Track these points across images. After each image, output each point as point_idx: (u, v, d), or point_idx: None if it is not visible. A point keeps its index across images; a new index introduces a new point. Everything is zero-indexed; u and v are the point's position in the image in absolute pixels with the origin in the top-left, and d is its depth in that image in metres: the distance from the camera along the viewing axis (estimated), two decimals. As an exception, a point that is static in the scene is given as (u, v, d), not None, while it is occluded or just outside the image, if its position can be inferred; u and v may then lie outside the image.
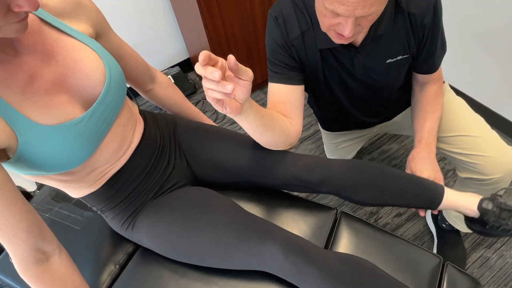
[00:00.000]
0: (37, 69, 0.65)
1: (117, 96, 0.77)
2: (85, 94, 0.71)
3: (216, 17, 1.64)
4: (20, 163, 0.64)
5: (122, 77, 0.80)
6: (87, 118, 0.70)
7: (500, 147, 0.99)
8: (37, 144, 0.63)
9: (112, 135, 0.79)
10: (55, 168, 0.69)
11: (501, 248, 1.38)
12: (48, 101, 0.65)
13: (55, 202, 1.08)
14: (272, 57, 0.90)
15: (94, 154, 0.75)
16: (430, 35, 0.88)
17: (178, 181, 0.96)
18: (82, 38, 0.73)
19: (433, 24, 0.87)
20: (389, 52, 0.90)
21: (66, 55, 0.69)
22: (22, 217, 0.62)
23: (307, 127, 1.91)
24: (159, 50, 2.10)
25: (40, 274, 0.67)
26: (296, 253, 0.77)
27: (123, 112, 0.82)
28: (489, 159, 0.97)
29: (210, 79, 0.56)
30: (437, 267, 0.88)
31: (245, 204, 1.00)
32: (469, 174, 1.03)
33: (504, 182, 1.01)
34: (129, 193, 0.87)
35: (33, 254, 0.65)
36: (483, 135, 1.00)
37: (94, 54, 0.74)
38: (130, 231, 0.90)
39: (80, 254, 0.96)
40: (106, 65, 0.74)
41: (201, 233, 0.83)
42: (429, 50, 0.92)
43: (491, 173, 0.98)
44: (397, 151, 1.74)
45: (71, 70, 0.69)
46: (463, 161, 1.02)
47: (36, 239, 0.65)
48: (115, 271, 0.94)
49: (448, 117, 1.05)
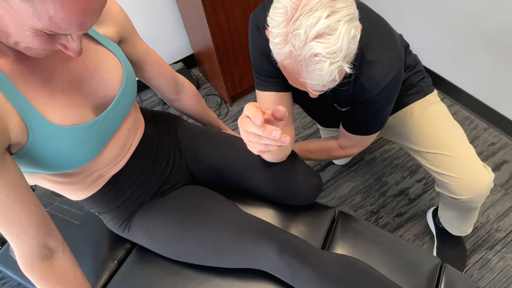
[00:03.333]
0: (57, 68, 0.65)
1: (128, 102, 0.78)
2: (98, 98, 0.71)
3: (219, 13, 1.63)
4: (22, 159, 0.64)
5: (135, 85, 0.80)
6: (98, 123, 0.70)
7: (472, 170, 0.98)
8: (45, 143, 0.63)
9: (116, 139, 0.79)
10: (55, 168, 0.68)
11: (502, 250, 1.37)
12: (63, 100, 0.65)
13: (55, 197, 1.09)
14: (257, 65, 0.86)
15: (96, 157, 0.75)
16: (366, 106, 0.85)
17: (177, 182, 0.96)
18: (106, 42, 0.73)
19: (373, 102, 0.83)
20: (336, 98, 0.91)
21: (87, 57, 0.69)
22: (33, 213, 0.62)
23: (310, 125, 1.90)
24: (163, 46, 2.10)
25: (45, 271, 0.66)
26: (291, 253, 0.77)
27: (129, 117, 0.82)
28: (459, 181, 0.98)
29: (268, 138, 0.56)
30: (435, 268, 0.88)
31: (242, 204, 1.00)
32: (442, 191, 1.07)
33: (474, 202, 1.02)
34: (127, 196, 0.87)
35: (39, 250, 0.64)
36: (457, 155, 0.99)
37: (115, 60, 0.74)
38: (127, 233, 0.91)
39: (79, 249, 0.97)
40: (124, 72, 0.75)
41: (197, 234, 0.83)
42: (358, 116, 0.91)
43: (460, 194, 1.00)
44: (399, 150, 1.73)
45: (89, 73, 0.69)
46: (437, 178, 1.05)
47: (44, 235, 0.64)
48: (113, 267, 0.95)
49: (427, 133, 1.03)
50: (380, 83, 0.78)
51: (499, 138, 1.70)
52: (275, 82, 0.86)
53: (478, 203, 1.04)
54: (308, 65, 0.59)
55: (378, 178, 1.65)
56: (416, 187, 1.59)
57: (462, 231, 1.27)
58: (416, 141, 1.05)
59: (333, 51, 0.57)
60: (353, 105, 0.89)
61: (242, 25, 1.74)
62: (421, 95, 1.05)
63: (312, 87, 0.64)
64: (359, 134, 0.97)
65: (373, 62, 0.77)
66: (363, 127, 0.95)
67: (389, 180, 1.63)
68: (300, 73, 0.62)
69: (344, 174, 1.68)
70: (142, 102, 2.15)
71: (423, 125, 1.04)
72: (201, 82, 2.23)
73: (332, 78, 0.61)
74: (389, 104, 0.87)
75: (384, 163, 1.70)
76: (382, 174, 1.66)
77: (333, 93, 0.87)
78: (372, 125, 0.94)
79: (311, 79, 0.61)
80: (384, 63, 0.77)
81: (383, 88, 0.79)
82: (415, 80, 1.05)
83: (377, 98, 0.81)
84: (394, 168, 1.67)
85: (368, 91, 0.80)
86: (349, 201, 1.59)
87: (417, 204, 1.54)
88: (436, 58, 1.84)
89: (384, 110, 0.88)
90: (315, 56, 0.57)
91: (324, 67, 0.58)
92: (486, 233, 1.42)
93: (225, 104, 2.08)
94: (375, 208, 1.55)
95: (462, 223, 1.22)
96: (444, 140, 1.01)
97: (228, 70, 1.87)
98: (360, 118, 0.91)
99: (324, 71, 0.59)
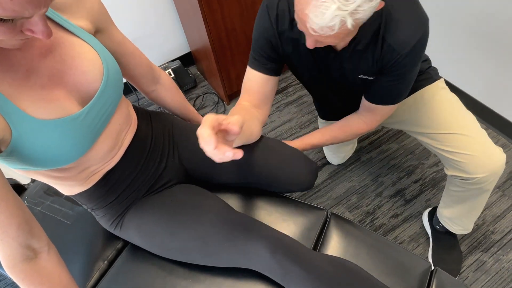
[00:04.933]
0: (34, 63, 0.64)
1: (114, 94, 0.77)
2: (82, 90, 0.71)
3: (216, 11, 1.62)
4: (13, 157, 0.63)
5: (119, 76, 0.79)
6: (83, 115, 0.70)
7: (487, 148, 0.99)
8: (31, 138, 0.62)
9: (108, 133, 0.78)
10: (48, 163, 0.68)
11: (498, 252, 1.36)
12: (44, 95, 0.65)
13: (47, 196, 1.09)
14: (256, 44, 0.93)
15: (88, 152, 0.74)
16: (394, 71, 0.86)
17: (170, 180, 0.95)
18: (81, 34, 0.72)
19: (401, 64, 0.83)
20: (362, 69, 0.90)
21: (64, 51, 0.68)
22: (13, 213, 0.61)
23: (307, 124, 1.90)
24: (160, 44, 2.09)
25: (28, 271, 0.65)
26: (282, 252, 0.76)
27: (120, 111, 0.82)
28: (474, 158, 0.98)
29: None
30: (426, 272, 0.87)
31: (234, 203, 1.00)
32: (455, 172, 1.05)
33: (488, 182, 1.01)
34: (120, 192, 0.87)
35: (21, 251, 0.64)
36: (471, 133, 1.00)
37: (92, 51, 0.73)
38: (119, 230, 0.90)
39: (69, 249, 0.96)
40: (104, 63, 0.74)
41: (188, 230, 0.82)
42: (384, 83, 0.90)
43: (475, 172, 0.99)
44: (397, 151, 1.72)
45: (68, 66, 0.69)
46: (450, 158, 1.03)
47: (26, 236, 0.63)
48: (104, 267, 0.94)
49: (439, 115, 1.04)
50: (408, 43, 0.79)
51: (497, 139, 1.69)
52: (266, 65, 0.94)
53: (491, 183, 1.03)
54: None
55: (375, 179, 1.64)
56: (413, 188, 1.58)
57: (464, 228, 1.25)
58: (427, 124, 1.06)
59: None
60: (380, 72, 0.89)
61: (239, 24, 1.73)
62: (430, 81, 1.07)
63: (311, 24, 0.65)
64: (385, 104, 0.96)
65: (400, 23, 0.78)
66: (389, 95, 0.94)
67: (385, 181, 1.62)
68: (308, 5, 0.64)
69: (340, 174, 1.68)
70: (139, 101, 2.14)
71: (435, 107, 1.05)
72: (199, 81, 2.23)
73: (331, 25, 0.63)
74: (415, 67, 0.87)
75: (381, 164, 1.69)
76: (379, 174, 1.65)
77: (360, 60, 0.87)
78: (399, 92, 0.93)
79: (314, 15, 0.63)
80: (411, 24, 0.79)
81: (411, 49, 0.79)
82: (423, 67, 1.07)
83: (405, 60, 0.82)
84: (390, 169, 1.66)
85: (397, 52, 0.80)
86: (345, 202, 1.58)
87: (413, 205, 1.53)
88: (434, 59, 1.82)
89: (410, 74, 0.88)
90: None
91: (330, 7, 0.61)
92: (482, 235, 1.41)
93: (222, 103, 2.08)
94: (371, 208, 1.54)
95: (466, 216, 1.21)
96: (457, 120, 1.02)
97: (224, 68, 1.86)
98: (387, 85, 0.90)
99: (328, 12, 0.61)
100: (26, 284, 0.66)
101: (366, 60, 0.87)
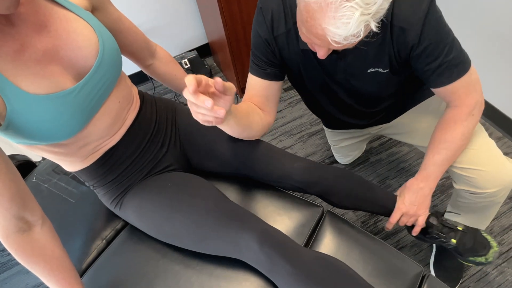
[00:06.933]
0: (28, 38, 0.66)
1: (111, 70, 0.78)
2: (78, 66, 0.72)
3: (232, 3, 1.62)
4: (10, 130, 0.66)
5: (117, 52, 0.80)
6: (77, 90, 0.71)
7: (496, 161, 0.94)
8: (25, 113, 0.64)
9: (106, 110, 0.80)
10: (44, 138, 0.70)
11: (502, 264, 1.32)
12: (38, 70, 0.66)
13: (55, 174, 1.13)
14: (255, 49, 0.89)
15: (86, 127, 0.76)
16: (422, 51, 0.78)
17: (170, 164, 0.97)
18: (77, 10, 0.73)
19: (424, 40, 0.75)
20: (370, 62, 0.85)
21: (59, 26, 0.70)
22: (5, 185, 0.64)
23: (318, 122, 1.88)
24: (177, 33, 2.11)
25: (21, 242, 0.68)
26: (271, 245, 0.77)
27: (119, 88, 0.83)
28: (484, 174, 0.93)
29: (202, 107, 0.57)
30: (417, 276, 0.86)
31: (231, 194, 1.01)
32: (464, 187, 1.00)
33: (498, 196, 0.97)
34: (120, 171, 0.90)
35: (14, 222, 0.67)
36: (479, 147, 0.94)
37: (88, 26, 0.74)
38: (119, 209, 0.93)
39: (71, 226, 1.00)
40: (99, 38, 0.75)
41: (182, 215, 0.84)
42: (427, 66, 0.81)
43: (485, 187, 0.94)
44: (407, 154, 1.69)
45: (63, 41, 0.70)
46: (458, 173, 0.98)
47: (19, 208, 0.66)
48: (102, 246, 0.98)
49: None
50: (416, 16, 0.72)
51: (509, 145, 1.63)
52: (265, 70, 0.90)
53: (502, 197, 0.98)
54: (337, 9, 0.57)
55: (382, 181, 1.62)
56: (420, 193, 1.55)
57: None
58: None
59: (367, 2, 0.56)
60: (411, 60, 0.80)
61: (255, 17, 1.73)
62: None
63: (333, 37, 0.61)
64: (458, 78, 0.81)
65: (397, 1, 0.73)
66: (448, 68, 0.80)
67: (392, 183, 1.60)
68: (324, 18, 0.59)
69: (347, 174, 1.66)
70: (154, 89, 2.18)
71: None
72: (214, 72, 2.24)
73: (357, 32, 0.58)
74: (442, 34, 0.76)
75: (390, 166, 1.66)
76: (387, 176, 1.63)
77: (366, 53, 0.81)
78: (453, 58, 0.79)
79: (336, 27, 0.58)
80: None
81: (424, 22, 0.72)
82: None
83: (424, 36, 0.74)
84: (399, 172, 1.63)
85: (408, 30, 0.73)
86: (349, 201, 1.57)
87: (419, 210, 1.50)
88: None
89: (445, 41, 0.76)
90: (347, 1, 0.55)
91: (354, 15, 0.56)
92: (487, 246, 1.37)
93: (236, 95, 2.09)
94: (375, 210, 1.52)
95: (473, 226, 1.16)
96: None
97: (239, 61, 1.87)
98: (437, 65, 0.79)
99: (353, 20, 0.57)
100: (19, 255, 0.69)
101: (374, 51, 0.81)
